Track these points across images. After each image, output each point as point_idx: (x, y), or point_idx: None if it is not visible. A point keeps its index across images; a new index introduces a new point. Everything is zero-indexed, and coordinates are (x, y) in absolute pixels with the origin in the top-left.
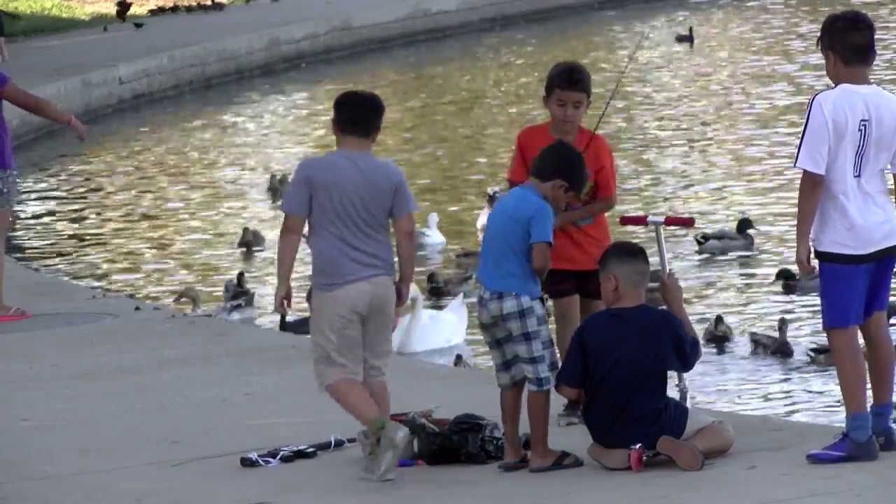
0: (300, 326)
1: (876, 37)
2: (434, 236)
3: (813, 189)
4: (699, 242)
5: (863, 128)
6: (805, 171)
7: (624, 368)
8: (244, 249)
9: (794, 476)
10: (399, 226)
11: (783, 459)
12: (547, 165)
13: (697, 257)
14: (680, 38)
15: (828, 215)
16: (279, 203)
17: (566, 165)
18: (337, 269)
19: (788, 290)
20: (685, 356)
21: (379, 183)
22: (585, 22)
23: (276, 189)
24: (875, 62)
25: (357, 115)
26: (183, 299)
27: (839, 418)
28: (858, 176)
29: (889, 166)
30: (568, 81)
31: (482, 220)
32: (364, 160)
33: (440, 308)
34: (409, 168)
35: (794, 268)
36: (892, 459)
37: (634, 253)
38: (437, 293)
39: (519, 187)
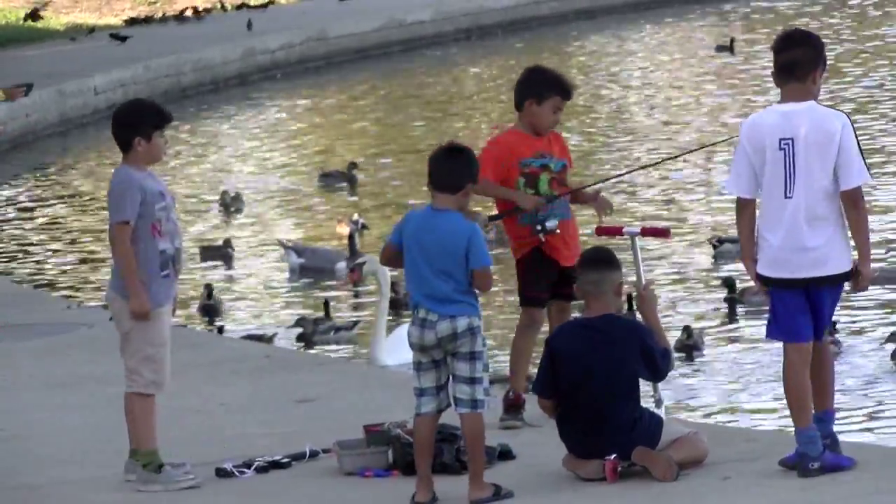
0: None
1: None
2: None
3: (740, 211)
4: (714, 246)
5: (785, 147)
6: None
7: (595, 379)
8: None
9: (769, 487)
10: None
11: (758, 470)
12: (459, 176)
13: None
14: (720, 48)
15: (760, 237)
16: (230, 218)
17: (474, 166)
18: None
19: (730, 301)
20: (655, 366)
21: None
22: (560, 33)
23: (227, 205)
24: None
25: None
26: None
27: None
28: (790, 197)
29: (839, 185)
30: (569, 92)
31: None
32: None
33: (399, 319)
34: (382, 179)
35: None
36: (868, 471)
37: (590, 262)
38: (395, 305)
39: (431, 210)
